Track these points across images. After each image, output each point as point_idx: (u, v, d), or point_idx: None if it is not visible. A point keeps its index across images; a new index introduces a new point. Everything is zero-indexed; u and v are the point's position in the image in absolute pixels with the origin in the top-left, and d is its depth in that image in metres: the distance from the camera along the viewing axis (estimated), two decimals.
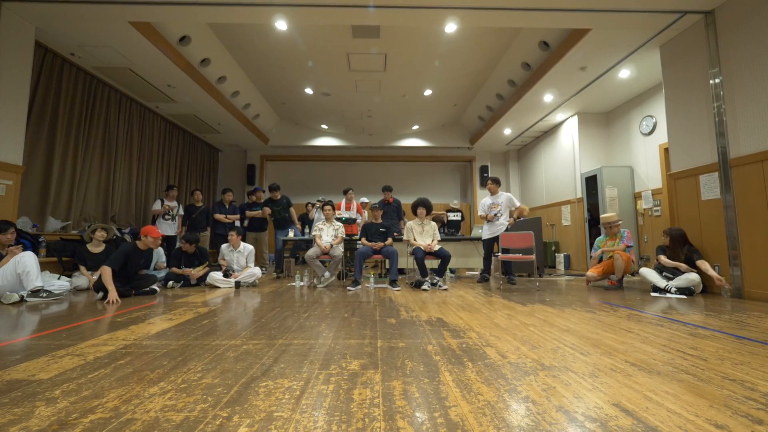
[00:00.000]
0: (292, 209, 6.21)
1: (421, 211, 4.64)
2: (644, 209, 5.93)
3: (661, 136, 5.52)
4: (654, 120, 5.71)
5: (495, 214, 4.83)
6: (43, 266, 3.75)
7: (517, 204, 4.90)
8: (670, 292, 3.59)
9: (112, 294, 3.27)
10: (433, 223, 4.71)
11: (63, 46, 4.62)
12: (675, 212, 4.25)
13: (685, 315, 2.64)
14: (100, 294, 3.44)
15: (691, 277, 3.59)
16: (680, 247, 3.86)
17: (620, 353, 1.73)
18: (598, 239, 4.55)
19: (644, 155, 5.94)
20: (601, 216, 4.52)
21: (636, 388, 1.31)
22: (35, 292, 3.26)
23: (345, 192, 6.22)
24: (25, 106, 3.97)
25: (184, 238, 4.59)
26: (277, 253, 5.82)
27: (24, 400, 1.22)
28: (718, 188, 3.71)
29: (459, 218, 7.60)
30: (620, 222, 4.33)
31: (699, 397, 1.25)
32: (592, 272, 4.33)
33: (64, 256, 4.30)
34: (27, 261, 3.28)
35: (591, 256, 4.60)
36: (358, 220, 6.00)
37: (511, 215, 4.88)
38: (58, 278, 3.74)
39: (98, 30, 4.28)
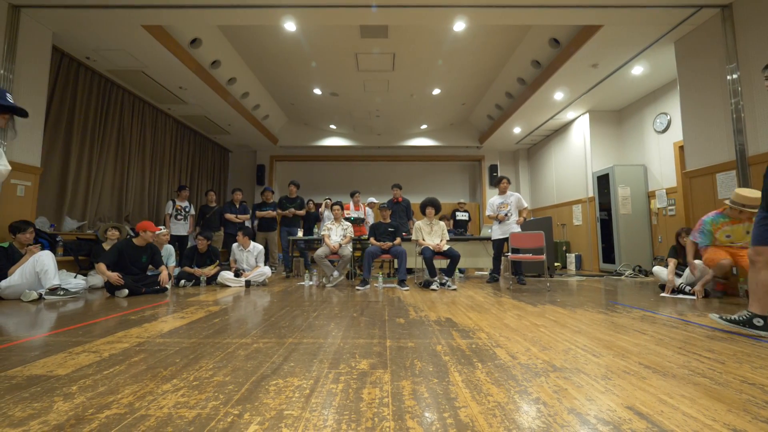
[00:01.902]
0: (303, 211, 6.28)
1: (430, 210, 4.62)
2: (658, 209, 5.81)
3: (676, 133, 5.40)
4: (668, 117, 5.59)
5: (505, 214, 4.77)
6: (60, 265, 3.84)
7: (525, 205, 4.84)
8: (683, 291, 3.50)
9: (113, 277, 3.49)
10: (442, 223, 4.69)
11: (78, 50, 4.73)
12: (690, 212, 4.15)
13: (701, 317, 2.58)
14: (125, 291, 3.54)
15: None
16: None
17: (634, 355, 1.70)
18: (709, 218, 3.31)
19: (658, 153, 5.82)
20: (738, 190, 3.09)
21: (650, 391, 1.29)
22: (53, 290, 3.35)
23: (352, 195, 6.25)
24: (43, 110, 4.08)
25: (201, 234, 4.72)
26: (286, 252, 5.87)
27: (43, 395, 1.25)
28: (735, 187, 3.61)
29: (466, 218, 7.53)
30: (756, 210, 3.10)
31: (716, 401, 1.22)
32: (725, 258, 3.14)
33: (80, 255, 4.40)
34: (45, 260, 3.37)
35: (694, 240, 3.43)
36: (366, 222, 6.00)
37: (520, 215, 4.82)
38: (75, 277, 3.83)
39: (112, 34, 4.37)
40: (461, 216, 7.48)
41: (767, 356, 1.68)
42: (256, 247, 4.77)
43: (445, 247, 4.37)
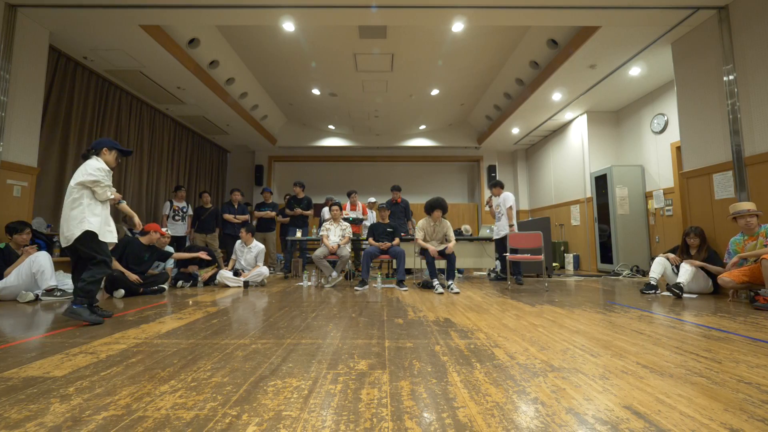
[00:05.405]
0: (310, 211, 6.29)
1: (437, 213, 4.47)
2: (656, 209, 5.83)
3: (673, 134, 5.42)
4: (665, 118, 5.61)
5: (494, 209, 5.15)
6: (57, 266, 3.82)
7: (508, 204, 4.86)
8: (679, 290, 3.48)
9: (131, 276, 3.62)
10: (447, 222, 4.55)
11: (76, 50, 4.71)
12: (687, 212, 4.17)
13: (699, 317, 2.59)
14: (122, 292, 3.55)
15: (688, 270, 3.54)
16: (701, 247, 3.75)
17: (631, 355, 1.70)
18: (733, 240, 3.47)
19: (655, 154, 5.85)
20: (732, 206, 3.39)
21: (648, 391, 1.29)
22: (49, 291, 3.33)
23: (349, 194, 6.26)
24: (40, 109, 4.06)
25: (188, 249, 4.78)
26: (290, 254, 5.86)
27: (39, 396, 1.25)
28: (732, 187, 3.63)
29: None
30: (759, 214, 3.27)
31: (713, 400, 1.22)
32: (727, 276, 3.22)
33: None
34: (42, 261, 3.35)
35: (726, 263, 3.51)
36: (366, 222, 5.99)
37: (509, 220, 4.86)
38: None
39: (110, 34, 4.35)
40: None
41: (763, 356, 1.69)
42: (258, 246, 4.76)
43: (440, 248, 4.33)
